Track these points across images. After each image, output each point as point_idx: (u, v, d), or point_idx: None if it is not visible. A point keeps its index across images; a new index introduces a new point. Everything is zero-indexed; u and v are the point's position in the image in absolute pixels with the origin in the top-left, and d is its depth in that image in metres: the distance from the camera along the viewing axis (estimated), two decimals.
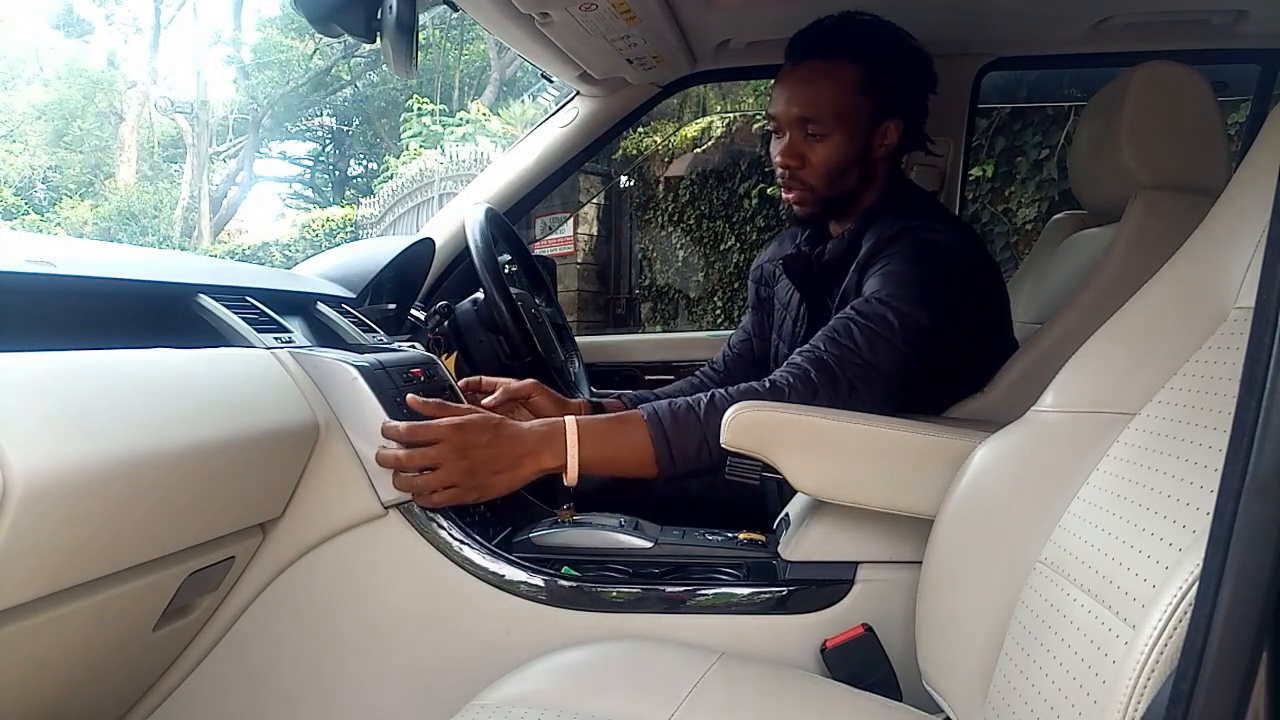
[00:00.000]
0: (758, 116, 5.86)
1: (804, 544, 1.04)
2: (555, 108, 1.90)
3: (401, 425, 1.01)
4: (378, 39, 1.08)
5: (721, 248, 6.05)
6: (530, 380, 1.29)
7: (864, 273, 1.18)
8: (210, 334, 1.03)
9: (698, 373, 1.55)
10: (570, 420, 1.05)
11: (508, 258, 1.67)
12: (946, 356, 1.15)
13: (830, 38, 1.22)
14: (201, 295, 1.06)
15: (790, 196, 1.27)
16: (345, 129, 18.01)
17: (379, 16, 1.06)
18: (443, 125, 11.55)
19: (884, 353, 1.08)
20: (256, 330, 1.05)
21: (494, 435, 1.02)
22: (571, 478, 1.04)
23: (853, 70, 1.20)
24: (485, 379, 1.32)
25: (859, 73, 1.20)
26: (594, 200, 6.87)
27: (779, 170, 1.27)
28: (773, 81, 1.26)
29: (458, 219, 1.77)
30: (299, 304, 1.30)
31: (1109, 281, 1.14)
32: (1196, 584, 0.46)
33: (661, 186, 6.64)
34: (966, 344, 1.18)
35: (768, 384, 1.08)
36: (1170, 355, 0.74)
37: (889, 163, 1.27)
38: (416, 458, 1.00)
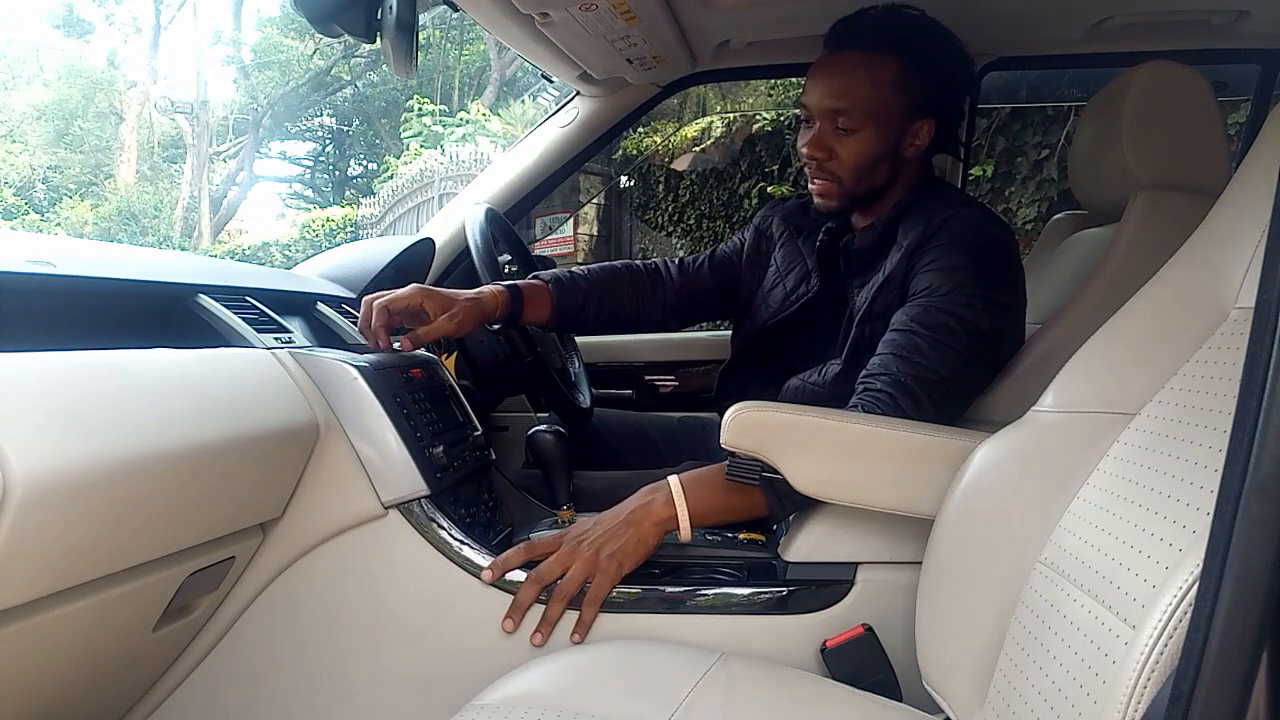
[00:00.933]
0: (758, 116, 5.86)
1: (804, 544, 1.04)
2: (555, 108, 1.90)
3: (513, 551, 1.05)
4: (378, 39, 1.08)
5: None
6: (416, 292, 1.23)
7: (913, 258, 1.14)
8: (210, 334, 1.03)
9: (643, 265, 1.47)
10: (674, 479, 1.07)
11: (508, 258, 1.67)
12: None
13: (874, 29, 1.16)
14: (201, 295, 1.06)
15: (816, 187, 1.23)
16: (345, 129, 18.02)
17: (379, 16, 1.06)
18: (443, 125, 11.56)
19: (954, 363, 1.07)
20: (256, 330, 1.05)
21: (596, 518, 1.07)
22: (685, 533, 1.05)
23: (892, 65, 1.15)
24: (392, 306, 1.20)
25: (898, 69, 1.15)
26: (594, 200, 6.87)
27: (806, 161, 1.23)
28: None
29: (458, 219, 1.77)
30: (299, 304, 1.30)
31: (1109, 281, 1.14)
32: (1196, 584, 0.46)
33: (662, 186, 6.64)
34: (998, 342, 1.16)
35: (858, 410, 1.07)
36: (1170, 355, 0.74)
37: (919, 162, 1.23)
38: (546, 572, 1.03)
